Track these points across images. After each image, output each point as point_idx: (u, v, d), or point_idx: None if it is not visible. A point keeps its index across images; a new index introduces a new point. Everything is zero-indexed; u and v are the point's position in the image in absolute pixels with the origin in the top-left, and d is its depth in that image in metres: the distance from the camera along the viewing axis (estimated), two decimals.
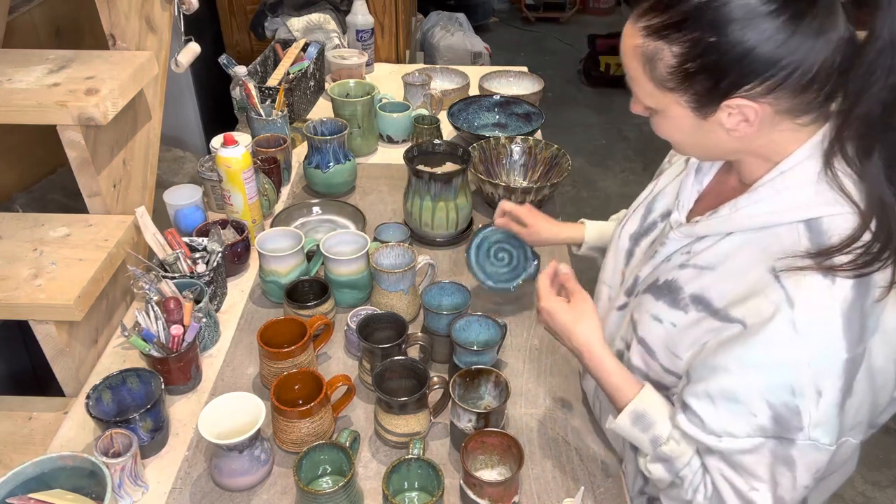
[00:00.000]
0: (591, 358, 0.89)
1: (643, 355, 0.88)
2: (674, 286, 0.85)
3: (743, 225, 0.79)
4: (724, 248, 0.81)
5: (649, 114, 0.81)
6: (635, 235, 0.97)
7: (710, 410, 0.77)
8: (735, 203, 0.80)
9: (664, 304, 0.85)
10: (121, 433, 0.89)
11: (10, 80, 1.18)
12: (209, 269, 1.18)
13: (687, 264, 0.84)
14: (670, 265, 0.86)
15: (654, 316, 0.86)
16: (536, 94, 1.95)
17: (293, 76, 1.80)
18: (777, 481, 0.76)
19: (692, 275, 0.83)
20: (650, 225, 0.96)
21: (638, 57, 0.75)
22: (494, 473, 0.95)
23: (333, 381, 0.99)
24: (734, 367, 0.74)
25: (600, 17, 5.65)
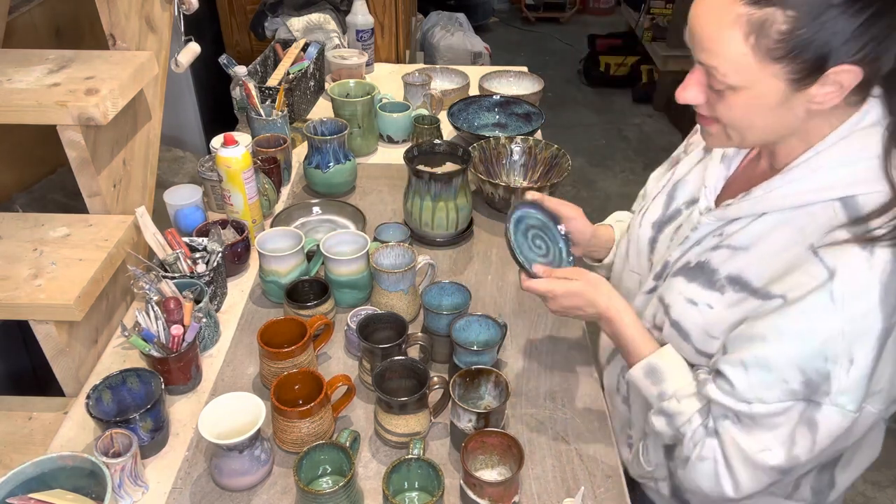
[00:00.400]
0: (612, 318, 0.92)
1: (675, 339, 0.90)
2: (707, 267, 0.86)
3: (777, 205, 0.81)
4: (758, 229, 0.83)
5: (706, 100, 0.79)
6: (658, 223, 0.99)
7: (742, 377, 0.79)
8: (769, 184, 0.82)
9: (698, 285, 0.87)
10: (121, 433, 0.89)
11: (10, 80, 1.18)
12: (209, 269, 1.18)
13: (720, 245, 0.86)
14: (701, 248, 0.89)
15: (688, 299, 0.87)
16: (536, 94, 1.95)
17: (293, 76, 1.80)
18: (795, 441, 0.78)
19: (726, 255, 0.85)
20: (674, 212, 0.98)
21: (739, 27, 0.71)
22: (494, 473, 0.95)
23: (333, 381, 0.99)
24: (770, 336, 0.76)
25: (600, 17, 5.65)
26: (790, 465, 0.79)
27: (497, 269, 1.36)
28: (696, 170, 0.98)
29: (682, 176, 1.00)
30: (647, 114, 4.22)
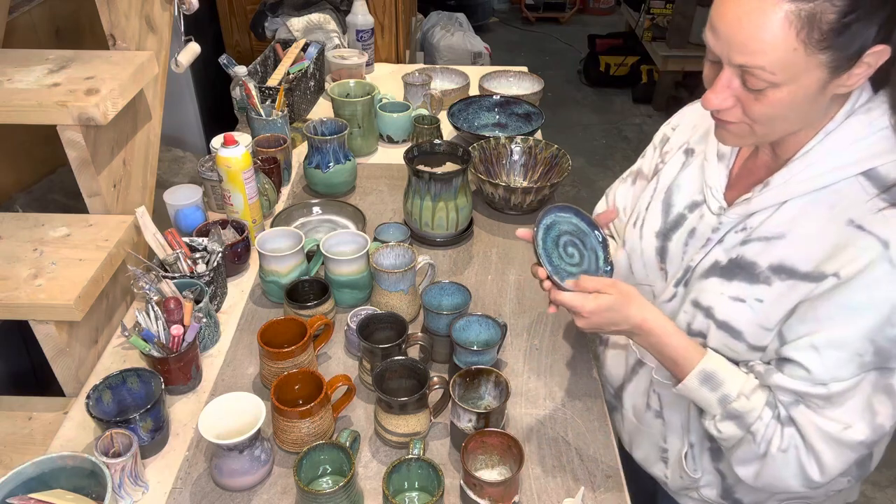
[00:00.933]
0: (651, 329, 0.88)
1: (725, 339, 0.88)
2: (744, 262, 0.86)
3: (799, 190, 0.82)
4: (786, 216, 0.83)
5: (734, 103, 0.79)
6: (662, 232, 0.98)
7: (816, 360, 0.79)
8: (787, 171, 0.82)
9: (741, 282, 0.86)
10: (121, 433, 0.89)
11: (10, 80, 1.18)
12: (209, 269, 1.18)
13: (750, 239, 0.86)
14: (726, 245, 0.88)
15: (733, 297, 0.86)
16: (536, 94, 1.95)
17: (293, 76, 1.80)
18: (876, 410, 0.79)
19: (761, 247, 0.85)
20: (678, 218, 0.97)
21: (789, 24, 0.70)
22: (494, 473, 0.95)
23: (333, 381, 0.99)
24: (838, 315, 0.77)
25: (600, 17, 5.66)
26: (876, 435, 0.80)
27: (497, 269, 1.36)
28: (685, 174, 0.98)
29: (670, 182, 0.99)
30: (646, 114, 4.22)
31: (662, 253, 0.98)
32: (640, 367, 1.05)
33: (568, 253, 0.96)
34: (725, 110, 0.80)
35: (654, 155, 1.08)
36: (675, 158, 1.01)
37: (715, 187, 0.92)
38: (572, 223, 0.98)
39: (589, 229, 0.98)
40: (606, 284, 0.89)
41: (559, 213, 0.97)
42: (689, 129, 1.03)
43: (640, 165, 1.12)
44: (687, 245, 0.95)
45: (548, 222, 0.96)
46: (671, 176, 1.00)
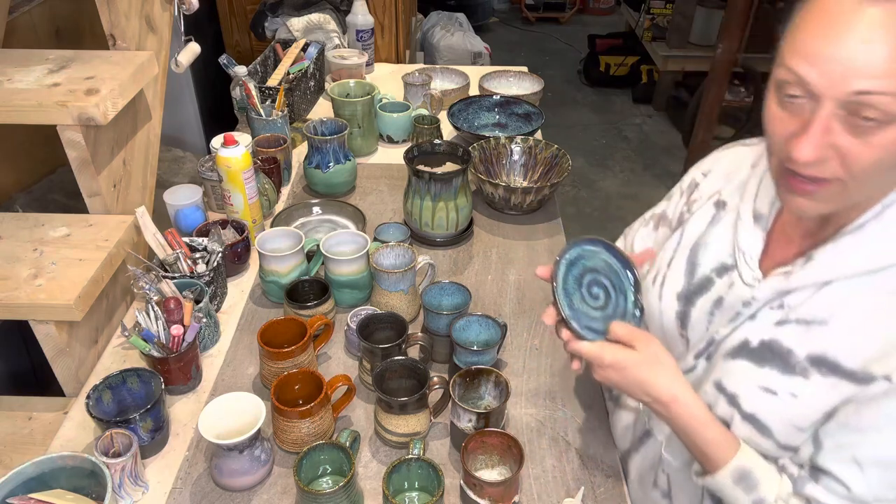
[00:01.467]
0: (678, 409, 0.76)
1: (751, 433, 0.77)
2: (778, 347, 0.75)
3: (848, 271, 0.71)
4: (832, 298, 0.72)
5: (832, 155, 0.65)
6: (685, 295, 0.87)
7: (859, 478, 0.70)
8: (835, 247, 0.72)
9: (773, 370, 0.75)
10: (121, 433, 0.89)
11: (10, 80, 1.18)
12: (209, 269, 1.18)
13: (787, 321, 0.75)
14: (758, 324, 0.78)
15: (763, 387, 0.75)
16: (536, 94, 1.95)
17: (293, 76, 1.80)
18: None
19: (798, 332, 0.74)
20: (703, 281, 0.85)
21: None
22: (494, 473, 0.95)
23: (333, 381, 0.99)
24: (888, 428, 0.67)
25: (600, 17, 5.66)
26: None
27: (497, 269, 1.36)
28: (716, 231, 0.86)
29: (697, 238, 0.88)
30: (646, 114, 4.22)
31: (683, 318, 0.87)
32: (648, 437, 0.94)
33: (592, 294, 0.84)
34: (820, 164, 0.65)
35: (680, 201, 0.97)
36: (703, 210, 0.90)
37: (749, 253, 0.80)
38: (601, 259, 0.85)
39: (620, 267, 0.84)
40: (638, 338, 0.78)
41: (586, 247, 0.85)
42: (721, 177, 0.91)
43: (664, 209, 1.01)
44: (713, 315, 0.84)
45: (572, 256, 0.84)
46: (698, 231, 0.89)
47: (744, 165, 0.87)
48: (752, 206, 0.82)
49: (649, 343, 0.78)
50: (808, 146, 0.64)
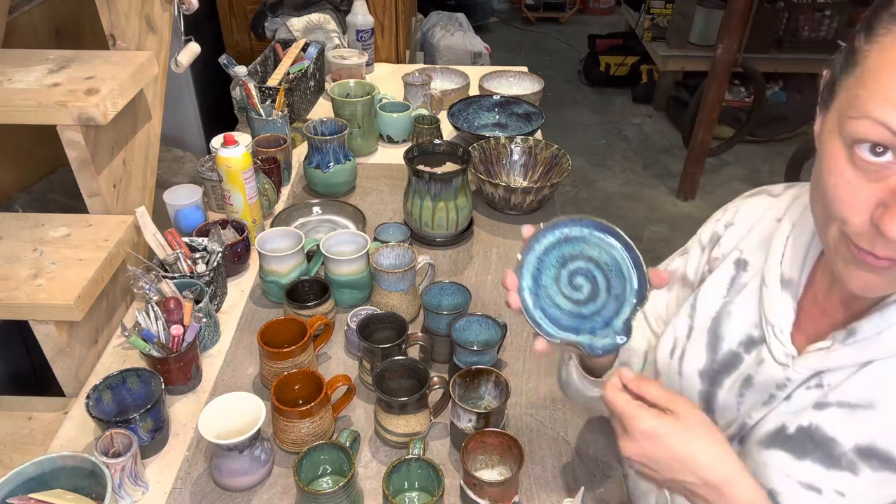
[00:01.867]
0: (734, 493, 0.62)
1: None
2: (819, 436, 0.65)
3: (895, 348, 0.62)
4: (877, 377, 0.63)
5: None
6: (710, 373, 0.76)
7: None
8: (882, 318, 0.62)
9: (815, 464, 0.64)
10: (121, 433, 0.89)
11: (10, 80, 1.18)
12: (209, 269, 1.18)
13: (827, 403, 0.65)
14: (794, 405, 0.68)
15: (805, 484, 0.64)
16: (536, 94, 1.95)
17: (293, 76, 1.80)
18: None
19: (842, 417, 0.64)
20: (729, 358, 0.75)
21: None
22: (494, 473, 0.94)
23: (333, 381, 0.99)
24: None
25: (600, 17, 5.66)
26: None
27: (497, 269, 1.35)
28: (740, 299, 0.75)
29: (718, 306, 0.77)
30: (646, 114, 4.22)
31: (709, 400, 0.76)
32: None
33: (574, 283, 0.70)
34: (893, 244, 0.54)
35: (701, 258, 0.84)
36: (723, 270, 0.78)
37: (779, 326, 0.69)
38: (611, 255, 0.69)
39: (630, 274, 0.69)
40: (677, 401, 0.64)
41: (596, 232, 0.69)
42: (743, 230, 0.79)
43: (678, 265, 0.88)
44: (742, 396, 0.73)
45: (568, 232, 0.70)
46: (717, 296, 0.78)
47: (767, 218, 0.77)
48: (779, 269, 0.71)
49: (691, 410, 0.64)
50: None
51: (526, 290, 0.69)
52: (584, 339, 0.70)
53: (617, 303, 0.70)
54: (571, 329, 0.70)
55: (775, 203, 0.78)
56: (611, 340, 0.70)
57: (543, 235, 0.70)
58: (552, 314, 0.70)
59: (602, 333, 0.70)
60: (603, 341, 0.70)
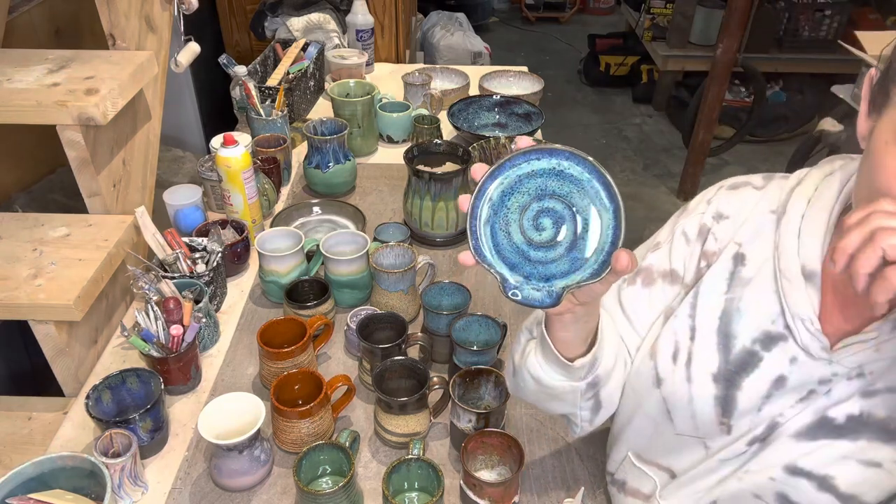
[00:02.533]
0: None
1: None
2: (872, 419, 0.66)
3: None
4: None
5: None
6: (725, 375, 0.73)
7: None
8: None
9: (872, 441, 0.65)
10: (120, 433, 0.89)
11: (9, 79, 1.18)
12: (209, 269, 1.18)
13: (875, 391, 0.66)
14: (836, 397, 0.67)
15: (865, 461, 0.65)
16: (536, 93, 1.95)
17: (293, 76, 1.80)
18: None
19: (893, 399, 0.65)
20: (745, 356, 0.72)
21: None
22: (494, 474, 0.94)
23: (333, 382, 0.99)
24: None
25: (600, 16, 5.66)
26: None
27: None
28: (749, 295, 0.73)
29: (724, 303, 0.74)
30: (647, 114, 4.21)
31: (726, 404, 0.73)
32: None
33: (538, 223, 0.62)
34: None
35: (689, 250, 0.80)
36: (720, 265, 0.76)
37: (809, 318, 0.67)
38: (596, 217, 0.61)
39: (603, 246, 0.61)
40: None
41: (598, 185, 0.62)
42: (737, 223, 0.77)
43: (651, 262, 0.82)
44: (770, 397, 0.71)
45: (569, 167, 0.62)
46: (719, 294, 0.75)
47: (759, 210, 0.75)
48: (798, 261, 0.69)
49: None
50: None
51: (485, 200, 0.62)
52: (512, 277, 0.64)
53: (570, 265, 0.62)
54: (507, 263, 0.64)
55: (762, 195, 0.77)
56: (540, 296, 0.63)
57: (543, 155, 0.61)
58: (498, 238, 0.64)
59: (535, 285, 0.63)
60: (531, 292, 0.63)
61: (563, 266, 0.63)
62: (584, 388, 0.75)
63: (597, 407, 0.79)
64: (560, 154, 0.62)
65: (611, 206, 0.62)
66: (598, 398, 0.78)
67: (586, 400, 0.77)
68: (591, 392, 0.77)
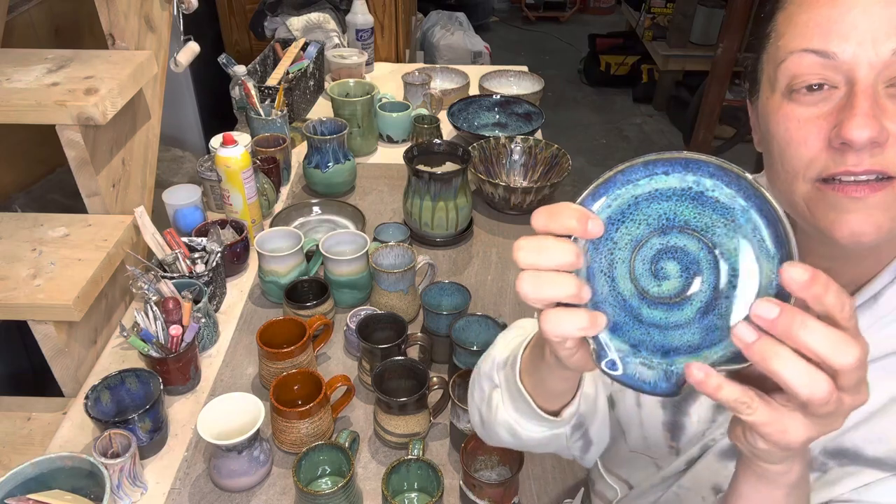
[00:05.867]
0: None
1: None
2: None
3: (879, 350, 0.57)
4: None
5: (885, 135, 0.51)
6: (673, 402, 0.73)
7: None
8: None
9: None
10: (119, 434, 0.89)
11: (8, 79, 1.18)
12: (208, 269, 1.18)
13: None
14: None
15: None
16: (536, 93, 1.95)
17: (293, 76, 1.80)
18: None
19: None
20: None
21: None
22: (494, 474, 0.94)
23: (333, 382, 0.99)
24: None
25: (600, 16, 5.65)
26: None
27: (497, 269, 1.35)
28: None
29: None
30: (647, 113, 4.21)
31: (674, 429, 0.72)
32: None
33: (658, 268, 0.44)
34: (880, 150, 0.50)
35: None
36: None
37: None
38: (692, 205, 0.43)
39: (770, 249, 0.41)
40: None
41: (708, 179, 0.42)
42: None
43: None
44: (715, 422, 0.69)
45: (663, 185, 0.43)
46: None
47: None
48: None
49: None
50: (861, 119, 0.49)
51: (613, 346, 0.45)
52: (613, 343, 0.45)
53: (703, 336, 0.43)
54: (608, 324, 0.45)
55: None
56: (653, 377, 0.44)
57: (675, 168, 0.43)
58: (597, 284, 0.45)
59: (645, 359, 0.44)
60: (640, 369, 0.44)
61: (691, 336, 0.43)
62: (570, 432, 0.69)
63: (586, 446, 0.75)
64: (701, 167, 0.42)
65: (777, 253, 0.41)
66: (588, 437, 0.73)
67: (575, 441, 0.72)
68: (577, 434, 0.71)
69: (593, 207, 0.44)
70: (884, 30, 0.50)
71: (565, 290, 0.43)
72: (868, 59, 0.50)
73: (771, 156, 0.58)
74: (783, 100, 0.55)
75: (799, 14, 0.54)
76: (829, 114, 0.52)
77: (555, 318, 0.44)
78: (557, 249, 0.43)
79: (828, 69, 0.52)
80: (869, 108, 0.50)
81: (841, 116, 0.51)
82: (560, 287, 0.43)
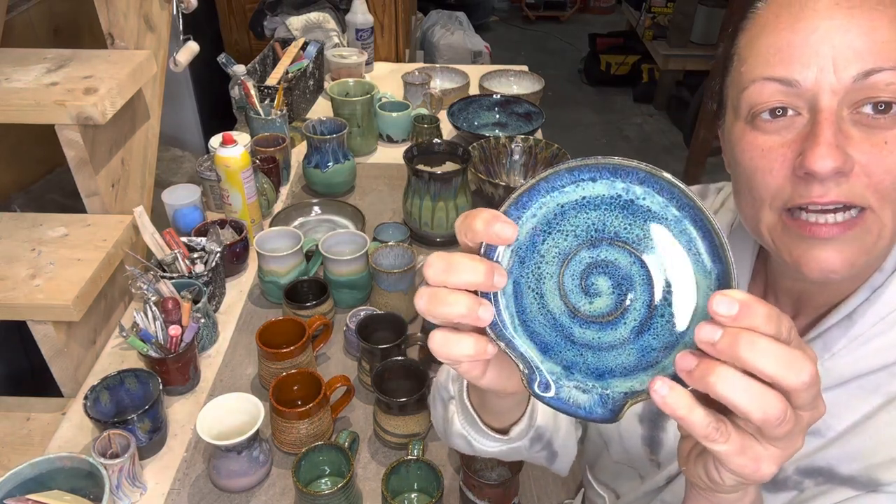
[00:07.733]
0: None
1: None
2: None
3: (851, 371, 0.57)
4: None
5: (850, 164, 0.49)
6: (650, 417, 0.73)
7: None
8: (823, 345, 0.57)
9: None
10: (119, 434, 0.89)
11: (8, 79, 1.18)
12: (207, 269, 1.18)
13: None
14: None
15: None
16: (537, 93, 1.94)
17: (292, 75, 1.80)
18: None
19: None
20: None
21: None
22: (494, 474, 0.94)
23: (332, 382, 0.99)
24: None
25: (601, 16, 5.65)
26: None
27: None
28: None
29: None
30: (647, 113, 4.21)
31: (653, 444, 0.72)
32: None
33: (588, 283, 0.41)
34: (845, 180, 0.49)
35: None
36: None
37: None
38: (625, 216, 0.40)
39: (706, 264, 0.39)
40: None
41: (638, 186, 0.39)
42: None
43: None
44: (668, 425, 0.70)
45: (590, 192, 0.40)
46: None
47: None
48: None
49: None
50: (824, 149, 0.48)
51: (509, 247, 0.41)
52: (544, 365, 0.41)
53: (638, 357, 0.40)
54: (537, 343, 0.42)
55: None
56: (588, 401, 0.41)
57: (602, 174, 0.39)
58: (524, 302, 0.41)
59: (579, 381, 0.41)
60: (574, 392, 0.41)
61: (626, 357, 0.40)
62: (529, 444, 0.65)
63: (552, 457, 0.72)
64: (630, 174, 0.39)
65: (713, 268, 0.38)
66: (552, 449, 0.70)
67: (537, 452, 0.69)
68: (538, 445, 0.67)
69: (521, 217, 0.41)
70: (844, 55, 0.49)
71: (458, 310, 0.39)
72: (830, 85, 0.49)
73: (738, 182, 0.57)
74: (746, 126, 0.54)
75: (760, 38, 0.53)
76: (792, 141, 0.51)
77: (441, 340, 0.41)
78: (467, 269, 0.40)
79: (790, 96, 0.51)
80: (832, 136, 0.48)
81: (804, 145, 0.50)
82: (453, 307, 0.40)
